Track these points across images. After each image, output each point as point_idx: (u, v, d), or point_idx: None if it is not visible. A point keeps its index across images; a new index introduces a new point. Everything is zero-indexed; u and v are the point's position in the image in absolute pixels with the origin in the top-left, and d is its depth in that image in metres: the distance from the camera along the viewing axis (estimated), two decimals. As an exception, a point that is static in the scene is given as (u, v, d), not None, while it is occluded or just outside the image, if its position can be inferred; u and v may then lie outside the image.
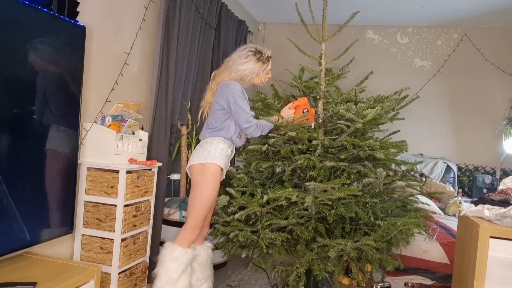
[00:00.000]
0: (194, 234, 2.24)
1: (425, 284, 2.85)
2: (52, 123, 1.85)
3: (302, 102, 2.35)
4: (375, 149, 2.23)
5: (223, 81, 2.28)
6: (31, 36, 1.68)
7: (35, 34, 1.70)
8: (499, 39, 4.54)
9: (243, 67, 2.26)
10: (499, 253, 1.88)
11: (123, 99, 2.52)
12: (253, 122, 2.24)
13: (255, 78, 2.33)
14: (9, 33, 1.59)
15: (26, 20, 1.66)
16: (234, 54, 2.32)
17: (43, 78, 1.77)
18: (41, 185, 1.83)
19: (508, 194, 2.14)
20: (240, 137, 2.34)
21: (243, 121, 2.22)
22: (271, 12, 4.76)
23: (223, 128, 2.26)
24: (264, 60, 2.30)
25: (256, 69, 2.28)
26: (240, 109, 2.20)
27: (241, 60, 2.26)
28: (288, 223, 2.23)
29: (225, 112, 2.25)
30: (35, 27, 1.70)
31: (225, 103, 2.22)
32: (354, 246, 2.09)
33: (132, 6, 2.61)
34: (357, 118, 2.21)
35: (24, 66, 1.66)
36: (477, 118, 4.60)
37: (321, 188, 2.14)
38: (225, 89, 2.23)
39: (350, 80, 2.98)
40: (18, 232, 1.72)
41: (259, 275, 3.03)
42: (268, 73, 2.36)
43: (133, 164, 2.28)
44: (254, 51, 2.28)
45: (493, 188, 4.20)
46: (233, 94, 2.20)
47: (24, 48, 1.65)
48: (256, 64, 2.27)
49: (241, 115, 2.21)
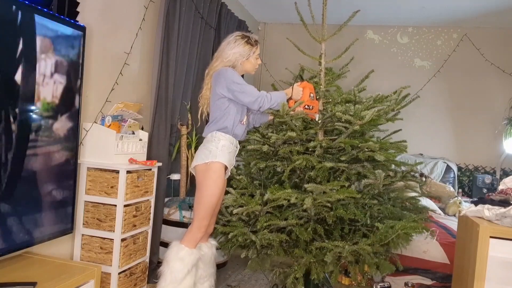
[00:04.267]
0: (200, 233, 2.23)
1: (425, 284, 2.85)
2: (52, 122, 1.85)
3: (309, 86, 2.38)
4: (375, 151, 2.23)
5: (215, 71, 2.28)
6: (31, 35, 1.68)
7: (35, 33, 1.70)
8: (499, 39, 4.54)
9: (232, 51, 2.26)
10: (499, 253, 1.88)
11: (123, 99, 2.52)
12: (260, 94, 2.21)
13: (246, 64, 2.31)
14: (9, 32, 1.59)
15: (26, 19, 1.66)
16: (223, 43, 2.33)
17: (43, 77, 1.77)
18: (41, 185, 1.82)
19: (508, 194, 2.14)
20: (242, 123, 2.31)
21: (248, 95, 2.19)
22: (271, 12, 4.76)
23: (223, 117, 2.23)
24: (252, 43, 2.30)
25: (246, 52, 2.28)
26: (240, 85, 2.19)
27: (230, 45, 2.27)
28: (287, 224, 2.22)
29: (224, 100, 2.23)
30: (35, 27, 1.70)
31: (223, 89, 2.20)
32: (352, 249, 2.09)
33: (132, 6, 2.61)
34: (355, 120, 2.20)
35: (23, 65, 1.66)
36: (477, 118, 4.60)
37: (320, 190, 2.13)
38: (219, 76, 2.23)
39: (351, 79, 2.98)
40: (18, 232, 1.72)
41: (259, 275, 3.03)
42: (257, 58, 2.35)
43: (133, 164, 2.28)
44: (241, 35, 2.30)
45: (493, 188, 4.20)
46: (229, 76, 2.19)
47: (23, 48, 1.65)
48: (245, 47, 2.27)
49: (244, 89, 2.19)
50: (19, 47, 1.63)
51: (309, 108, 2.35)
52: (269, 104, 2.23)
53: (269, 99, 2.22)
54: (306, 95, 2.34)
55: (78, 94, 2.00)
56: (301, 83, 2.39)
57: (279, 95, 2.27)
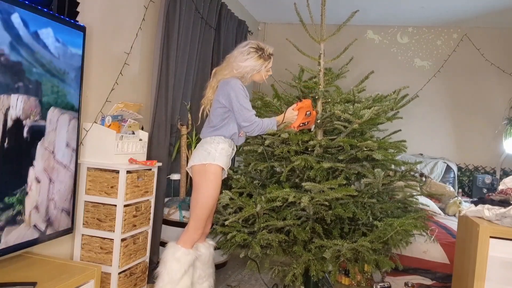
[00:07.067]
0: (197, 235, 2.24)
1: (425, 284, 2.85)
2: (52, 122, 1.85)
3: (306, 104, 2.31)
4: (373, 150, 2.23)
5: (224, 79, 2.25)
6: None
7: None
8: (499, 39, 4.54)
9: (244, 63, 2.21)
10: (499, 253, 1.88)
11: (123, 99, 2.52)
12: (254, 121, 2.20)
13: (256, 75, 2.29)
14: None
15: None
16: (235, 51, 2.27)
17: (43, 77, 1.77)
18: (41, 185, 1.82)
19: (508, 194, 2.14)
20: (240, 135, 2.32)
21: (244, 119, 2.19)
22: (271, 12, 4.76)
23: (223, 126, 2.24)
24: (265, 57, 2.25)
25: (257, 66, 2.24)
26: (242, 107, 2.18)
27: (243, 56, 2.22)
28: (285, 224, 2.22)
29: (226, 110, 2.23)
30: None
31: (227, 101, 2.20)
32: (350, 247, 2.09)
33: (132, 6, 2.61)
34: (354, 119, 2.20)
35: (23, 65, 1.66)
36: (477, 118, 4.60)
37: (317, 188, 2.13)
38: (226, 86, 2.20)
39: (351, 79, 2.98)
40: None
41: (259, 275, 3.03)
42: (269, 70, 2.31)
43: (133, 164, 2.28)
44: (256, 48, 2.24)
45: (493, 188, 4.20)
46: (236, 92, 2.17)
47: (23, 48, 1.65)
48: (257, 61, 2.23)
49: (243, 113, 2.18)
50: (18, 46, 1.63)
51: (304, 124, 2.34)
52: (259, 132, 2.25)
53: (260, 127, 2.22)
54: (301, 118, 2.30)
55: (78, 94, 2.00)
56: (298, 105, 2.30)
57: (269, 124, 2.26)
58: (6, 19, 1.56)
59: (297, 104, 2.32)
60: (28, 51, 1.66)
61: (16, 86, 1.62)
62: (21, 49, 1.63)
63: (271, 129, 2.26)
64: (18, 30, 1.61)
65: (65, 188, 1.97)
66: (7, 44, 1.57)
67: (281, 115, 2.35)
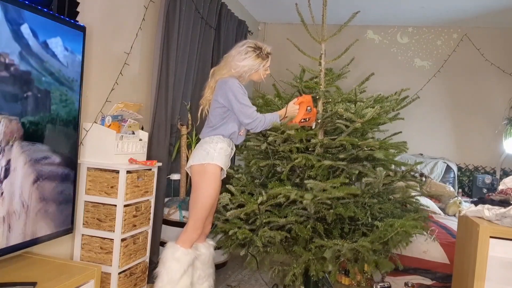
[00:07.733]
0: (196, 235, 2.24)
1: (425, 284, 2.85)
2: (52, 122, 1.85)
3: (307, 99, 2.31)
4: (374, 149, 2.23)
5: (222, 78, 2.25)
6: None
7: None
8: (499, 39, 4.54)
9: (242, 63, 2.21)
10: (499, 253, 1.88)
11: (123, 99, 2.52)
12: (257, 117, 2.19)
13: (254, 75, 2.29)
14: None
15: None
16: (233, 50, 2.27)
17: (42, 77, 1.77)
18: (41, 185, 1.82)
19: (508, 194, 2.14)
20: (240, 134, 2.32)
21: (246, 117, 2.18)
22: (271, 12, 4.76)
23: (222, 125, 2.24)
24: (263, 56, 2.24)
25: (256, 66, 2.23)
26: (242, 105, 2.17)
27: (240, 56, 2.21)
28: (287, 221, 2.22)
29: (225, 110, 2.22)
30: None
31: (225, 101, 2.19)
32: (351, 247, 2.09)
33: (132, 6, 2.61)
34: (356, 118, 2.20)
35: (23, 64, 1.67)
36: (477, 118, 4.60)
37: (320, 186, 2.13)
38: (224, 86, 2.20)
39: (351, 80, 2.98)
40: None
41: (259, 275, 3.03)
42: (267, 69, 2.31)
43: (133, 164, 2.28)
44: (254, 47, 2.23)
45: (493, 188, 4.19)
46: (233, 91, 2.17)
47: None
48: (255, 61, 2.22)
49: (244, 110, 2.17)
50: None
51: (306, 120, 2.33)
52: (262, 128, 2.23)
53: (262, 123, 2.21)
54: (302, 113, 2.30)
55: (78, 94, 2.00)
56: (298, 99, 2.31)
57: (272, 119, 2.24)
58: (16, 30, 1.57)
59: (298, 99, 2.32)
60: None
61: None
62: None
63: (275, 122, 2.24)
64: (27, 40, 1.62)
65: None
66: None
67: (282, 109, 2.34)
